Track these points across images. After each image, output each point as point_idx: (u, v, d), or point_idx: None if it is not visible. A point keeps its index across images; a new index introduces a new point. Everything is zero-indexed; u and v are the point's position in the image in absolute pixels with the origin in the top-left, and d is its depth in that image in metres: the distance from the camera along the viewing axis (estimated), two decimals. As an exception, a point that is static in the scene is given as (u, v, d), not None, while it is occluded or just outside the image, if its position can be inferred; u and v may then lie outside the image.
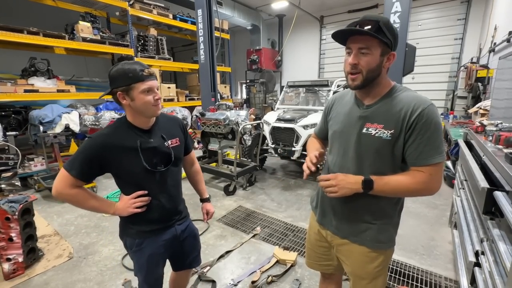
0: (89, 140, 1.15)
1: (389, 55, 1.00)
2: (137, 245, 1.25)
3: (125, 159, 1.15)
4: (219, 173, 4.11)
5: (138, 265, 1.29)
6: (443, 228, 2.87)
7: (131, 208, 1.19)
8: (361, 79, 1.00)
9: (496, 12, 5.43)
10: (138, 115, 1.17)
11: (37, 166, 4.07)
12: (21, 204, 2.22)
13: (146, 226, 1.26)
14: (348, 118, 1.11)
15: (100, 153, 1.12)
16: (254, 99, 10.25)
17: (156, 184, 1.25)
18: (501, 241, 1.13)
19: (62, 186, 1.11)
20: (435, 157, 0.95)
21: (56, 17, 6.42)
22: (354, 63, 0.98)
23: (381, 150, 1.01)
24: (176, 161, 1.30)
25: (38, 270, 2.25)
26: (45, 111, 4.50)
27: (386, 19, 0.98)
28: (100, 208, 1.21)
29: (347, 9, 8.82)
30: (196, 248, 1.50)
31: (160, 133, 1.25)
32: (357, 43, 0.97)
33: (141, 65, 1.12)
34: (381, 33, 0.94)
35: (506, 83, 3.06)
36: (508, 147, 1.54)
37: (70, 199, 1.14)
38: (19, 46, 5.04)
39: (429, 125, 0.94)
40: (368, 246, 1.11)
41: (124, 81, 1.09)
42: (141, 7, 6.54)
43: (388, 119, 1.00)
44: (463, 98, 5.78)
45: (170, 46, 10.64)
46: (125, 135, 1.17)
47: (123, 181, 1.23)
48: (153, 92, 1.14)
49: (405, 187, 0.98)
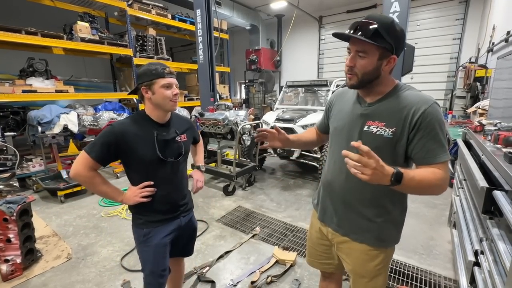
0: (110, 127, 1.25)
1: (389, 58, 0.97)
2: (145, 235, 1.33)
3: (140, 147, 1.25)
4: (218, 173, 4.10)
5: (145, 257, 1.35)
6: (442, 227, 2.87)
7: (137, 197, 1.27)
8: (356, 80, 1.01)
9: (494, 12, 5.45)
10: (156, 109, 1.29)
11: (36, 167, 4.06)
12: (19, 205, 2.20)
13: (154, 216, 1.34)
14: (349, 115, 1.11)
15: (119, 140, 1.21)
16: (253, 99, 10.24)
17: (166, 174, 1.34)
18: (500, 241, 1.13)
19: (81, 168, 1.20)
20: (442, 156, 0.95)
21: (54, 17, 6.39)
22: (350, 66, 1.00)
23: (382, 148, 1.00)
24: (185, 154, 1.42)
25: (36, 271, 2.24)
26: (43, 111, 4.48)
27: (388, 21, 0.94)
28: (110, 194, 1.29)
29: (345, 9, 8.82)
30: (192, 239, 1.60)
31: (174, 129, 1.38)
32: (355, 45, 0.98)
33: (163, 65, 1.27)
34: (379, 37, 0.92)
35: (505, 82, 3.07)
36: (507, 146, 1.54)
37: (86, 180, 1.23)
38: (17, 46, 5.00)
39: (434, 124, 0.94)
40: (369, 244, 1.11)
41: (148, 76, 1.24)
42: (139, 7, 6.52)
43: (390, 117, 1.00)
44: (462, 98, 5.79)
45: (169, 46, 10.63)
46: (142, 126, 1.28)
47: (133, 170, 1.32)
48: (171, 88, 1.27)
49: (428, 182, 0.92)
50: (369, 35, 0.92)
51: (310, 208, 3.44)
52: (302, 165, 5.14)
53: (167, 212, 1.38)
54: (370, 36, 0.92)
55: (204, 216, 3.22)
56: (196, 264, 2.32)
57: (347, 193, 1.12)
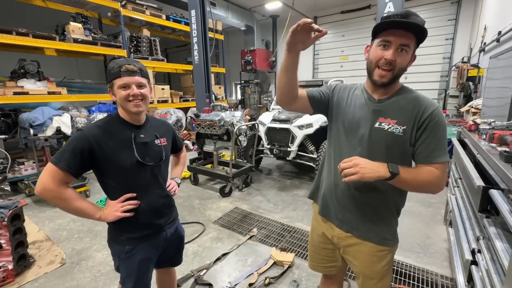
0: (80, 131, 1.11)
1: (414, 56, 0.99)
2: (127, 252, 1.21)
3: (117, 151, 1.13)
4: (215, 174, 4.08)
5: (127, 272, 1.24)
6: (438, 226, 2.89)
7: (118, 212, 1.14)
8: (390, 77, 0.97)
9: (485, 13, 5.53)
10: (125, 111, 1.19)
11: (28, 170, 3.97)
12: (10, 209, 2.15)
13: (137, 233, 1.22)
14: (360, 111, 1.08)
15: (92, 145, 1.08)
16: (248, 99, 10.24)
17: (147, 180, 1.23)
18: (497, 239, 1.14)
19: (49, 182, 1.03)
20: (443, 156, 0.97)
21: (46, 18, 6.29)
22: (393, 60, 0.93)
23: (392, 146, 1.01)
24: (166, 158, 1.33)
25: (29, 277, 2.19)
26: (35, 113, 4.38)
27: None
28: (86, 210, 1.12)
29: (340, 9, 8.88)
30: (180, 248, 1.52)
31: (152, 131, 1.28)
32: (401, 38, 0.91)
33: (123, 62, 1.13)
34: (425, 34, 0.91)
35: (497, 82, 3.11)
36: (502, 145, 1.55)
37: (56, 196, 1.05)
38: (8, 47, 4.91)
39: (439, 126, 0.97)
40: (375, 242, 1.11)
41: (109, 77, 1.15)
42: (133, 7, 6.46)
43: (402, 115, 1.00)
44: (455, 97, 5.87)
45: (164, 47, 10.55)
46: (117, 128, 1.17)
47: (110, 178, 1.17)
48: (129, 88, 1.12)
49: (424, 178, 0.96)
50: (421, 28, 0.90)
51: (307, 208, 3.45)
52: (299, 166, 5.14)
53: (151, 226, 1.26)
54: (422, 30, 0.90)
55: (201, 218, 3.19)
56: (193, 267, 2.30)
57: (354, 192, 1.11)
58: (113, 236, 1.24)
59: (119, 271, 1.28)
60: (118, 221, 1.17)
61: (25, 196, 3.87)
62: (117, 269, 1.29)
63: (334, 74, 9.30)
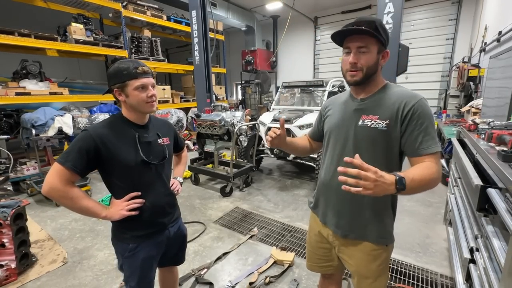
0: (85, 131, 1.12)
1: (383, 53, 1.06)
2: (130, 250, 1.22)
3: (122, 151, 1.15)
4: (215, 174, 4.09)
5: (131, 270, 1.26)
6: (438, 225, 2.90)
7: (124, 211, 1.16)
8: (361, 75, 1.04)
9: (486, 13, 5.53)
10: (133, 111, 1.20)
11: (30, 170, 4.00)
12: (13, 209, 2.17)
13: (140, 231, 1.24)
14: (344, 112, 1.15)
15: (97, 144, 1.09)
16: (249, 100, 10.25)
17: (151, 179, 1.25)
18: (495, 238, 1.15)
19: (56, 181, 1.04)
20: (434, 147, 0.98)
21: (48, 19, 6.33)
22: (354, 62, 1.02)
23: (377, 141, 1.04)
24: (169, 157, 1.35)
25: (31, 276, 2.21)
26: (37, 114, 4.43)
27: (379, 20, 1.04)
28: (92, 209, 1.13)
29: (340, 10, 8.89)
30: (183, 247, 1.53)
31: (155, 131, 1.30)
32: (355, 42, 1.02)
33: (136, 63, 1.15)
34: (378, 32, 0.99)
35: (497, 82, 3.11)
36: (500, 144, 1.56)
37: (63, 195, 1.06)
38: (10, 48, 4.95)
39: (424, 117, 0.99)
40: (370, 241, 1.12)
41: (119, 78, 1.13)
42: (134, 8, 6.49)
43: (383, 111, 1.04)
44: (456, 97, 5.86)
45: (165, 47, 10.60)
46: (121, 128, 1.19)
47: (116, 177, 1.18)
48: (146, 89, 1.16)
49: (427, 179, 0.92)
50: (373, 28, 0.98)
51: (308, 208, 3.42)
52: (299, 165, 5.15)
53: (155, 224, 1.28)
54: (373, 30, 0.98)
55: (202, 217, 3.21)
56: (194, 266, 2.31)
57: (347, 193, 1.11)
58: (117, 234, 1.25)
59: (123, 270, 1.29)
60: (122, 220, 1.18)
61: (27, 195, 3.90)
62: (121, 268, 1.30)
63: (334, 74, 9.29)
